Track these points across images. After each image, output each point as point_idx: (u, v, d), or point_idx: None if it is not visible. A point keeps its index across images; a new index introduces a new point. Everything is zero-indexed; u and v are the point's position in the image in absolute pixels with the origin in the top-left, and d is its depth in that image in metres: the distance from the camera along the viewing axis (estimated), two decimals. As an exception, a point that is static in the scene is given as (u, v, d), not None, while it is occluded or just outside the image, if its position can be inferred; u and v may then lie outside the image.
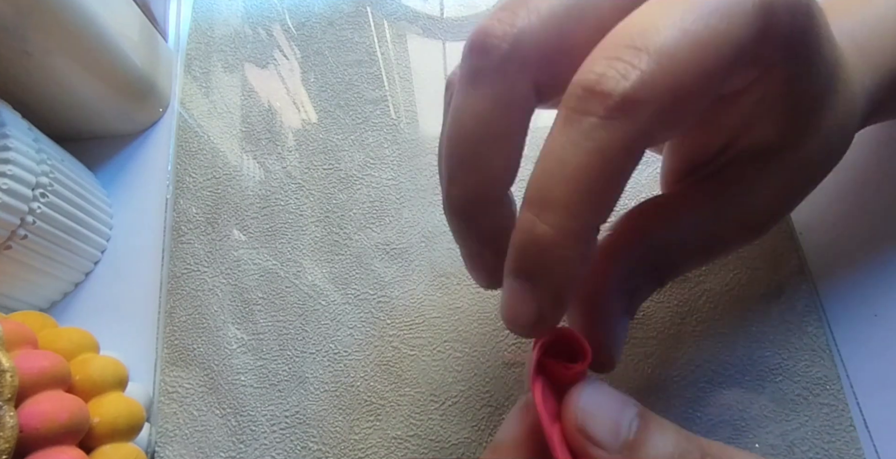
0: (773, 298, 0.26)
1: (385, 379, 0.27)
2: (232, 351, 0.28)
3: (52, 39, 0.27)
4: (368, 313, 0.28)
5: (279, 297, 0.29)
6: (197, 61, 0.36)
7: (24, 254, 0.27)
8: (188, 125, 0.34)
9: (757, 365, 0.25)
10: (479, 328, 0.28)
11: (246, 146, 0.33)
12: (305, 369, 0.28)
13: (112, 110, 0.33)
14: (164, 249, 0.31)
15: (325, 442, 0.26)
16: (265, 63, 0.36)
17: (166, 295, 0.30)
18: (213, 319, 0.29)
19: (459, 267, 0.29)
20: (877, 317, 0.26)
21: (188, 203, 0.32)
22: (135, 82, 0.32)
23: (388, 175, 0.31)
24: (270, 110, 0.34)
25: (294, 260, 0.30)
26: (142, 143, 0.35)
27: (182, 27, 0.38)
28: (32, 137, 0.27)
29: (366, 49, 0.35)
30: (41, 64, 0.28)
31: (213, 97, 0.35)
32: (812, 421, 0.24)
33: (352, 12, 0.37)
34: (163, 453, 0.27)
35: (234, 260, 0.30)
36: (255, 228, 0.31)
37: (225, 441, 0.27)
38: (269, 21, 0.37)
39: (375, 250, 0.30)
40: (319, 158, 0.32)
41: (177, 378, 0.28)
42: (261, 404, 0.27)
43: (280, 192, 0.32)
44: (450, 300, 0.28)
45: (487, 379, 0.27)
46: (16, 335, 0.23)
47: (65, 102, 0.31)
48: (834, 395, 0.25)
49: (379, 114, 0.33)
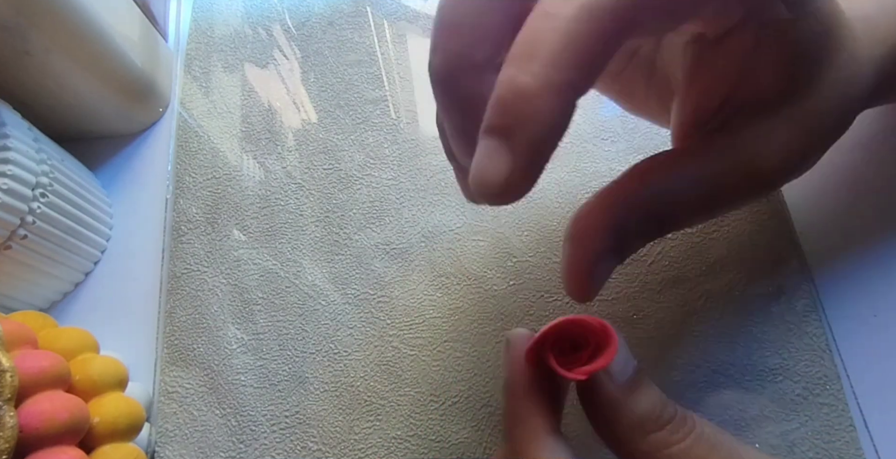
0: (773, 298, 0.26)
1: (385, 379, 0.27)
2: (232, 351, 0.28)
3: (52, 39, 0.27)
4: (368, 313, 0.28)
5: (279, 297, 0.29)
6: (197, 61, 0.36)
7: (24, 254, 0.27)
8: (188, 125, 0.34)
9: (757, 365, 0.25)
10: (479, 328, 0.28)
11: (246, 146, 0.33)
12: (305, 369, 0.28)
13: (112, 110, 0.33)
14: (164, 249, 0.31)
15: (325, 442, 0.26)
16: (265, 63, 0.36)
17: (166, 295, 0.30)
18: (213, 319, 0.29)
19: (459, 267, 0.29)
20: (877, 317, 0.26)
21: (188, 203, 0.32)
22: (135, 82, 0.32)
23: (388, 175, 0.31)
24: (270, 110, 0.34)
25: (294, 260, 0.30)
26: (142, 143, 0.35)
27: (182, 27, 0.38)
28: (32, 137, 0.27)
29: (366, 49, 0.35)
30: (41, 64, 0.28)
31: (213, 97, 0.35)
32: (812, 421, 0.24)
33: (352, 12, 0.37)
34: (163, 453, 0.27)
35: (234, 260, 0.30)
36: (255, 228, 0.31)
37: (225, 441, 0.27)
38: (269, 21, 0.37)
39: (375, 250, 0.30)
40: (319, 158, 0.32)
41: (177, 378, 0.28)
42: (261, 404, 0.27)
43: (280, 192, 0.32)
44: (450, 300, 0.28)
45: (487, 379, 0.27)
46: (16, 335, 0.23)
47: (65, 102, 0.31)
48: (834, 395, 0.25)
49: (379, 114, 0.33)
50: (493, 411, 0.26)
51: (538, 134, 0.13)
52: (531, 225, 0.29)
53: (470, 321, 0.28)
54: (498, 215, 0.30)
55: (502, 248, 0.29)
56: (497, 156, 0.13)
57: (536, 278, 0.28)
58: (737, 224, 0.28)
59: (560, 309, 0.28)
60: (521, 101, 0.13)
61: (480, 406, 0.26)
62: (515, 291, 0.28)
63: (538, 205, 0.30)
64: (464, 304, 0.28)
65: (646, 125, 0.31)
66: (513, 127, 0.13)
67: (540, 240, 0.29)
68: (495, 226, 0.30)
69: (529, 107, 0.13)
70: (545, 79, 0.13)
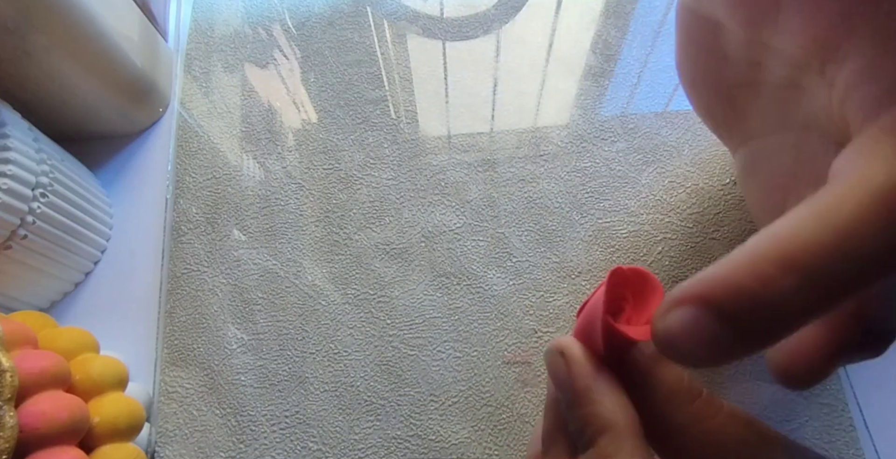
0: (773, 298, 0.26)
1: (385, 379, 0.27)
2: (232, 351, 0.28)
3: (52, 39, 0.27)
4: (368, 313, 0.28)
5: (279, 297, 0.29)
6: (197, 61, 0.36)
7: (24, 254, 0.27)
8: (188, 125, 0.34)
9: (757, 366, 0.25)
10: (479, 328, 0.28)
11: (246, 146, 0.33)
12: (305, 369, 0.28)
13: (112, 110, 0.33)
14: (164, 249, 0.31)
15: (325, 442, 0.26)
16: (265, 63, 0.36)
17: (166, 295, 0.30)
18: (213, 319, 0.29)
19: (459, 267, 0.29)
20: (877, 317, 0.26)
21: (188, 203, 0.32)
22: (135, 82, 0.32)
23: (388, 175, 0.31)
24: (270, 110, 0.34)
25: (294, 260, 0.30)
26: (142, 143, 0.35)
27: (182, 27, 0.38)
28: (32, 137, 0.27)
29: (366, 49, 0.35)
30: (41, 64, 0.28)
31: (213, 97, 0.35)
32: (812, 421, 0.24)
33: (352, 12, 0.37)
34: (163, 453, 0.27)
35: (234, 260, 0.30)
36: (255, 228, 0.31)
37: (225, 441, 0.27)
38: (269, 21, 0.37)
39: (375, 250, 0.30)
40: (319, 158, 0.32)
41: (177, 378, 0.28)
42: (261, 404, 0.27)
43: (280, 192, 0.32)
44: (450, 300, 0.28)
45: (487, 379, 0.27)
46: (16, 335, 0.23)
47: (65, 102, 0.31)
48: (834, 395, 0.25)
49: (379, 114, 0.33)
50: (493, 411, 0.26)
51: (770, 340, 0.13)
52: (531, 225, 0.29)
53: (470, 321, 0.28)
54: (498, 215, 0.30)
55: (502, 248, 0.29)
56: (715, 340, 0.13)
57: (536, 278, 0.28)
58: (737, 224, 0.28)
59: (560, 309, 0.28)
60: (776, 310, 0.12)
61: (480, 406, 0.26)
62: (515, 291, 0.28)
63: (538, 205, 0.30)
64: (464, 304, 0.28)
65: (646, 125, 0.31)
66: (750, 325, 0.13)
67: (540, 240, 0.29)
68: (495, 226, 0.30)
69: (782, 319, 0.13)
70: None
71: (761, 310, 0.12)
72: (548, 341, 0.27)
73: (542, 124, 0.32)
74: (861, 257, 0.11)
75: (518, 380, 0.26)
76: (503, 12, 0.36)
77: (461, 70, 0.34)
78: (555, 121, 0.32)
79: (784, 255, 0.12)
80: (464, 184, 0.31)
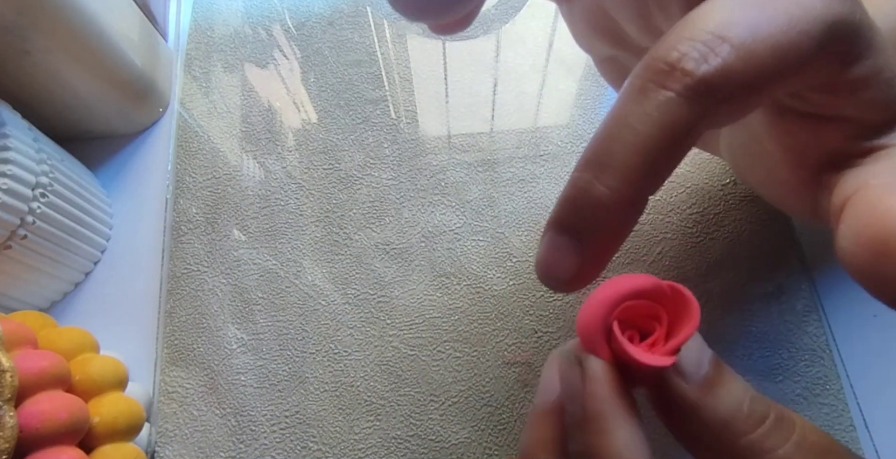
0: (773, 298, 0.26)
1: (385, 379, 0.27)
2: (232, 351, 0.28)
3: (52, 39, 0.27)
4: (368, 313, 0.28)
5: (279, 297, 0.29)
6: (197, 61, 0.36)
7: (24, 254, 0.27)
8: (188, 125, 0.34)
9: (757, 365, 0.25)
10: (479, 328, 0.28)
11: (246, 146, 0.33)
12: (305, 369, 0.28)
13: (112, 110, 0.33)
14: (164, 249, 0.31)
15: (325, 442, 0.26)
16: (265, 63, 0.36)
17: (166, 295, 0.30)
18: (213, 319, 0.29)
19: (459, 267, 0.29)
20: (877, 317, 0.26)
21: (188, 203, 0.32)
22: (135, 82, 0.32)
23: (388, 175, 0.31)
24: (270, 110, 0.34)
25: (294, 260, 0.30)
26: (142, 143, 0.35)
27: (182, 27, 0.38)
28: (32, 137, 0.27)
29: (366, 49, 0.35)
30: (41, 64, 0.28)
31: (213, 97, 0.35)
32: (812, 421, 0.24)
33: (352, 12, 0.37)
34: (163, 453, 0.27)
35: (234, 260, 0.30)
36: (255, 228, 0.31)
37: (225, 441, 0.27)
38: (269, 21, 0.37)
39: (375, 250, 0.30)
40: (319, 158, 0.32)
41: (177, 378, 0.28)
42: (261, 404, 0.27)
43: (280, 192, 0.32)
44: (450, 300, 0.28)
45: (487, 379, 0.27)
46: (16, 335, 0.23)
47: (65, 102, 0.31)
48: (834, 395, 0.25)
49: (379, 114, 0.33)
50: (493, 411, 0.26)
51: (609, 242, 0.14)
52: (531, 225, 0.29)
53: (470, 321, 0.28)
54: (498, 215, 0.30)
55: (502, 248, 0.29)
56: (565, 254, 0.14)
57: (536, 278, 0.28)
58: (737, 224, 0.28)
59: (560, 309, 0.28)
60: (596, 212, 0.13)
61: (480, 406, 0.26)
62: (515, 291, 0.28)
63: (538, 205, 0.30)
64: (464, 304, 0.28)
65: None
66: (584, 231, 0.14)
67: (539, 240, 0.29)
68: (495, 226, 0.30)
69: (604, 219, 0.13)
70: (620, 194, 0.13)
71: (586, 211, 0.13)
72: (548, 341, 0.27)
73: (542, 124, 0.32)
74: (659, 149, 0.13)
75: (518, 381, 0.26)
76: (503, 12, 0.36)
77: (461, 70, 0.34)
78: (555, 121, 0.32)
79: (589, 159, 0.13)
80: (464, 184, 0.31)
